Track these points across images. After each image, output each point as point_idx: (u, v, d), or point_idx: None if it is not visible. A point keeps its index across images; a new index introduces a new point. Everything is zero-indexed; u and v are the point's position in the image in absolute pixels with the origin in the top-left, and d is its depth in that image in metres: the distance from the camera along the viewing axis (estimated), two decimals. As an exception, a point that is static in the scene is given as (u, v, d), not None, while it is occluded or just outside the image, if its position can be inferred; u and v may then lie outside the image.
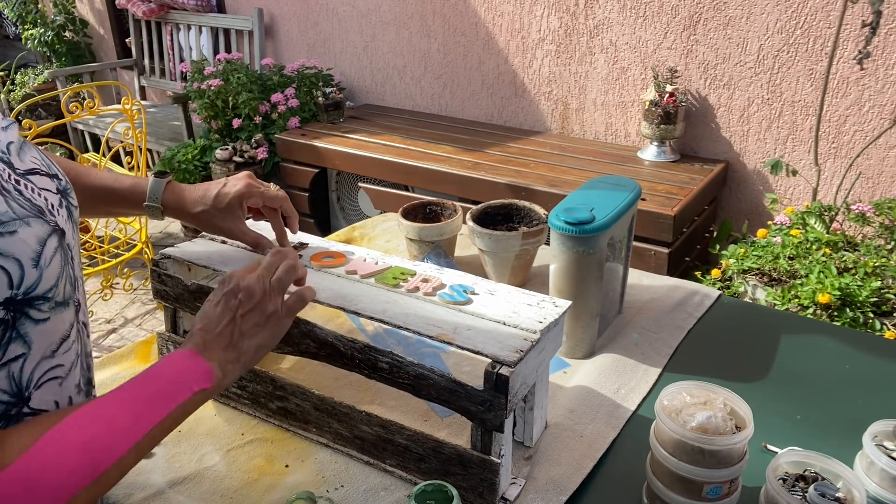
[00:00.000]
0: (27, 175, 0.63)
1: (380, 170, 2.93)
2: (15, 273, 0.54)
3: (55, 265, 0.59)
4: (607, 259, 1.07)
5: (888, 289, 1.80)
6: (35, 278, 0.56)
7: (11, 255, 0.54)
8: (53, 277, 0.59)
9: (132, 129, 2.66)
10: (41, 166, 0.67)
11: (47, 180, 0.66)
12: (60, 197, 0.67)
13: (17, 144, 0.65)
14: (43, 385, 0.62)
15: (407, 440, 0.85)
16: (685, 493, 0.74)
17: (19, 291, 0.55)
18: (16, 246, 0.55)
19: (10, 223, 0.55)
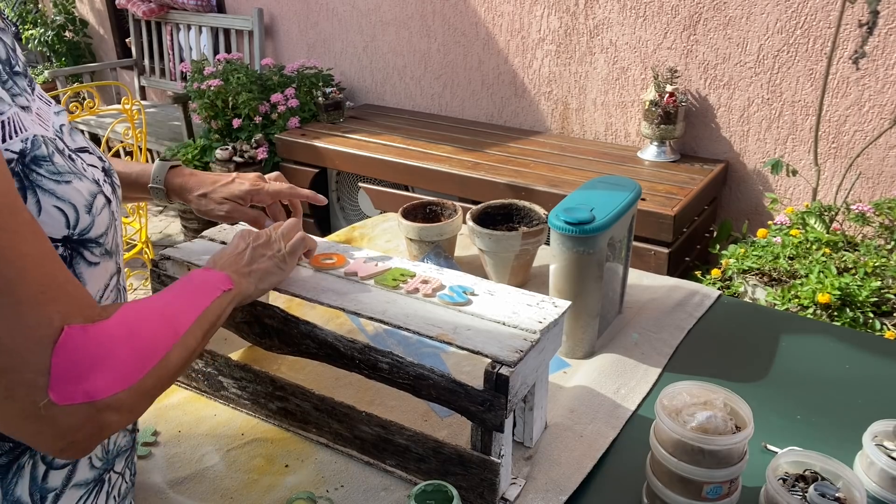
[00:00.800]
0: (78, 152, 0.69)
1: (380, 170, 2.93)
2: (71, 215, 0.61)
3: (104, 216, 0.65)
4: (607, 259, 1.07)
5: (888, 289, 1.80)
6: (88, 223, 0.62)
7: (68, 199, 0.61)
8: (103, 226, 0.65)
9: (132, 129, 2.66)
10: (88, 148, 0.73)
11: (95, 159, 0.72)
12: (105, 175, 0.72)
13: (69, 128, 0.72)
14: None
15: (407, 440, 0.85)
16: (685, 493, 0.74)
17: (75, 232, 0.61)
18: (71, 193, 0.61)
19: (67, 174, 0.61)
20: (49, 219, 0.59)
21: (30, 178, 0.58)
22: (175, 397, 1.04)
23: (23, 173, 0.58)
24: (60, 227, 0.60)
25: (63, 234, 0.60)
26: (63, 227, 0.60)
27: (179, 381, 1.07)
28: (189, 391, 1.06)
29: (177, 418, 0.99)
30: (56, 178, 0.61)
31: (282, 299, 1.22)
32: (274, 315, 0.90)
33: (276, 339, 0.92)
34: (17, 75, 0.65)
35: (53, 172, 0.61)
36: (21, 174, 0.58)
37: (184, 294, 0.72)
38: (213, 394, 1.03)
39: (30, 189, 0.58)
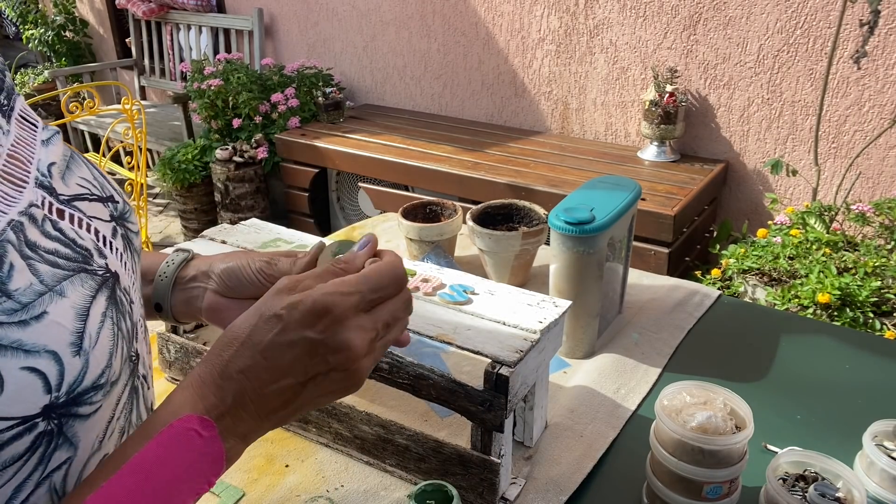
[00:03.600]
0: (73, 202, 0.50)
1: (380, 170, 2.93)
2: (52, 372, 0.41)
3: (105, 339, 0.46)
4: (607, 259, 1.07)
5: (888, 289, 1.80)
6: (80, 368, 0.43)
7: (42, 348, 0.41)
8: (104, 356, 0.45)
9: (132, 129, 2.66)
10: (91, 188, 0.53)
11: (98, 206, 0.52)
12: (114, 225, 0.53)
13: (63, 163, 0.52)
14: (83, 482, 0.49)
15: (407, 440, 0.85)
16: (685, 493, 0.74)
17: (60, 393, 0.42)
18: (47, 334, 0.41)
19: (36, 303, 0.42)
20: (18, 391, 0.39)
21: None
22: (175, 397, 1.04)
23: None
24: (37, 397, 0.41)
25: (42, 404, 0.41)
26: (41, 395, 0.41)
27: (179, 381, 1.07)
28: (189, 391, 1.06)
29: (177, 418, 0.99)
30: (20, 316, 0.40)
31: (282, 299, 1.22)
32: (274, 315, 0.90)
33: (276, 338, 0.92)
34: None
35: (14, 309, 0.40)
36: None
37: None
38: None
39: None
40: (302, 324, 0.48)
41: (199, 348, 1.02)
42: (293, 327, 0.48)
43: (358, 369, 0.50)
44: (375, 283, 0.51)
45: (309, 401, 0.50)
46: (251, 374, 0.48)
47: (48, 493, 0.45)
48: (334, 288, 0.50)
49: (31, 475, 0.43)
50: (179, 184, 3.47)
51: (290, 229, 1.11)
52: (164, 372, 1.08)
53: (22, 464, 0.42)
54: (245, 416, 0.48)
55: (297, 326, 0.48)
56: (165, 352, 1.06)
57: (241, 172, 3.32)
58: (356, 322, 0.50)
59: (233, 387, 0.48)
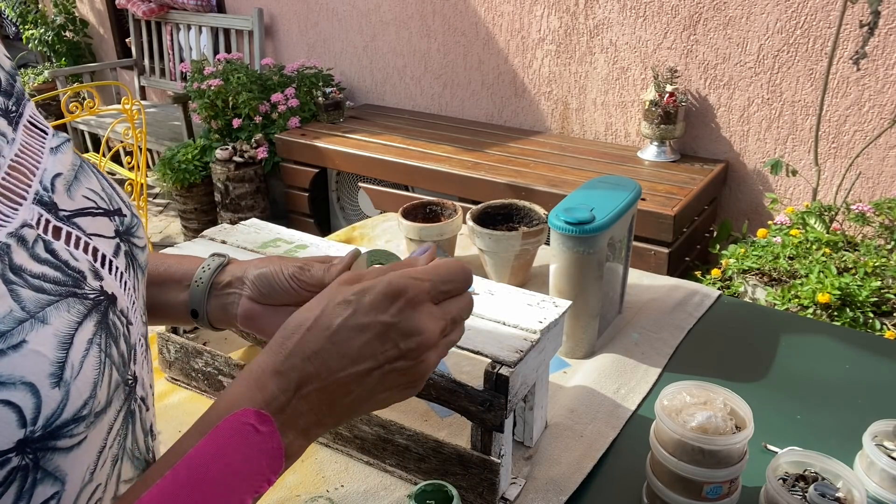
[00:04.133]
0: (73, 218, 0.47)
1: (380, 170, 2.93)
2: (27, 405, 0.38)
3: (89, 368, 0.42)
4: (607, 259, 1.07)
5: (888, 289, 1.80)
6: (58, 401, 0.40)
7: (18, 379, 0.38)
8: (88, 387, 0.42)
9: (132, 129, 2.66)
10: (98, 201, 0.50)
11: (103, 221, 0.49)
12: (118, 241, 0.50)
13: (70, 174, 0.49)
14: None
15: (407, 440, 0.85)
16: (685, 493, 0.74)
17: (36, 427, 0.39)
18: (24, 364, 0.39)
19: (15, 332, 0.39)
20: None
21: None
22: (175, 397, 1.04)
23: None
24: (10, 432, 0.37)
25: (16, 438, 0.38)
26: (14, 429, 0.38)
27: (179, 381, 1.07)
28: (189, 391, 1.06)
29: (177, 418, 0.99)
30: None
31: (282, 299, 1.22)
32: (274, 315, 0.90)
33: (276, 338, 0.92)
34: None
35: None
36: None
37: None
38: (213, 394, 1.03)
39: None
40: (374, 307, 0.46)
41: (199, 348, 1.02)
42: (365, 310, 0.46)
43: (425, 361, 0.48)
44: (446, 274, 0.50)
45: (373, 394, 0.48)
46: (318, 360, 0.46)
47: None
48: (408, 273, 0.48)
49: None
50: (179, 184, 3.47)
51: (289, 229, 1.11)
52: (164, 372, 1.08)
53: None
54: (306, 409, 0.46)
55: (370, 310, 0.46)
56: (165, 352, 1.06)
57: (241, 172, 3.33)
58: (428, 309, 0.48)
59: (296, 375, 0.45)
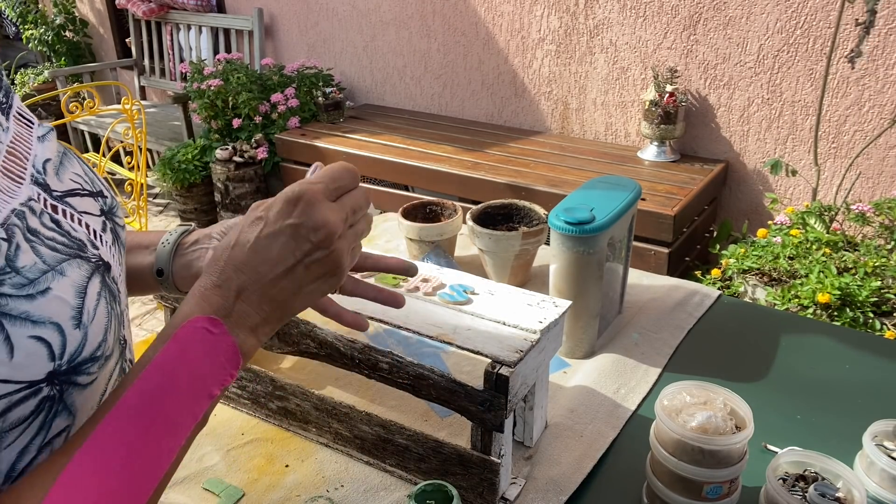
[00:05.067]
0: (65, 198, 0.54)
1: (380, 170, 2.93)
2: (55, 341, 0.45)
3: (101, 315, 0.50)
4: (607, 259, 1.07)
5: (888, 289, 1.80)
6: (79, 340, 0.47)
7: (47, 319, 0.45)
8: (100, 331, 0.50)
9: (132, 129, 2.66)
10: (83, 183, 0.57)
11: (89, 201, 0.56)
12: (104, 219, 0.57)
13: (56, 160, 0.56)
14: None
15: (407, 440, 0.85)
16: (685, 493, 0.74)
17: (63, 361, 0.46)
18: (51, 307, 0.46)
19: (41, 280, 0.46)
20: (26, 357, 0.44)
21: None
22: (175, 397, 1.04)
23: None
24: (42, 363, 0.45)
25: (47, 370, 0.45)
26: (46, 362, 0.45)
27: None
28: (189, 391, 1.06)
29: (177, 418, 0.99)
30: (27, 290, 0.45)
31: (282, 299, 1.22)
32: (274, 315, 0.90)
33: (275, 338, 0.92)
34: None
35: (22, 284, 0.45)
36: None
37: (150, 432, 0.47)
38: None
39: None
40: (280, 214, 0.53)
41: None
42: (273, 220, 0.53)
43: (336, 248, 0.54)
44: (332, 174, 0.56)
45: (302, 286, 0.54)
46: (247, 269, 0.52)
47: None
48: (301, 181, 0.55)
49: (34, 440, 0.47)
50: (179, 184, 3.47)
51: (290, 229, 1.11)
52: (164, 372, 1.08)
53: (26, 426, 0.46)
54: (250, 311, 0.52)
55: (277, 218, 0.53)
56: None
57: (241, 172, 3.33)
58: (326, 205, 0.54)
59: (233, 285, 0.52)
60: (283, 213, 0.53)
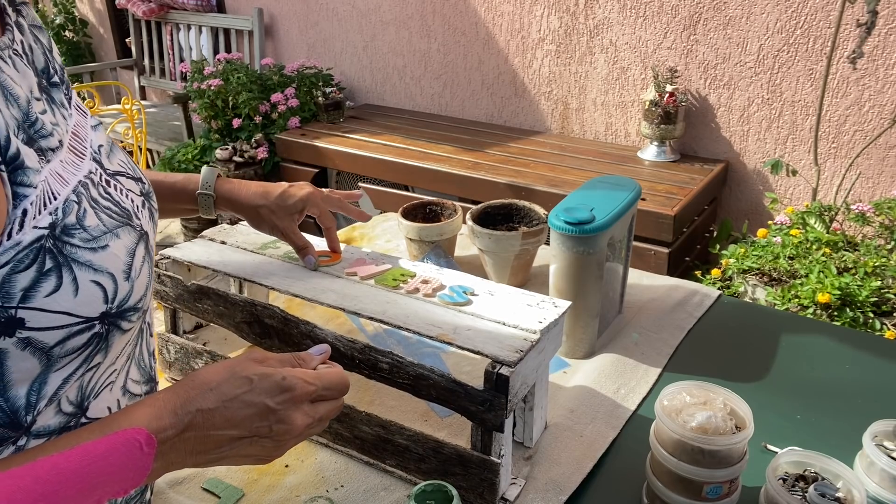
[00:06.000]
0: (116, 176, 0.64)
1: (380, 170, 2.93)
2: (109, 287, 0.55)
3: (144, 275, 0.59)
4: (607, 259, 1.07)
5: (888, 289, 1.80)
6: (127, 290, 0.57)
7: (105, 269, 0.55)
8: (143, 287, 0.59)
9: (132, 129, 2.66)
10: (127, 169, 0.67)
11: (132, 183, 0.66)
12: (144, 199, 0.67)
13: (107, 147, 0.66)
14: (101, 393, 0.61)
15: (407, 440, 0.85)
16: (685, 493, 0.74)
17: (114, 305, 0.55)
18: (108, 260, 0.55)
19: (102, 237, 0.56)
20: (87, 297, 0.53)
21: (63, 253, 0.53)
22: (175, 397, 1.04)
23: (55, 248, 0.52)
24: (98, 304, 0.54)
25: (101, 310, 0.55)
26: (101, 303, 0.55)
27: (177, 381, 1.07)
28: (189, 391, 1.06)
29: (177, 418, 0.99)
30: (92, 244, 0.55)
31: (282, 299, 1.22)
32: (274, 315, 0.90)
33: (276, 339, 0.92)
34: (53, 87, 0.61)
35: (88, 239, 0.55)
36: (54, 250, 0.52)
37: None
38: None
39: (65, 266, 0.52)
40: (266, 391, 0.58)
41: (199, 349, 1.02)
42: (258, 392, 0.58)
43: (285, 445, 0.60)
44: (329, 383, 0.63)
45: (235, 454, 0.59)
46: (207, 416, 0.56)
47: (77, 389, 0.57)
48: (300, 374, 0.61)
49: (77, 369, 0.56)
50: (179, 184, 3.47)
51: (290, 229, 1.11)
52: (164, 372, 1.08)
53: (76, 356, 0.54)
54: (181, 449, 0.55)
55: (261, 392, 0.58)
56: (165, 352, 1.06)
57: (241, 172, 3.32)
58: (305, 407, 0.61)
59: (187, 420, 0.55)
60: (269, 391, 0.58)
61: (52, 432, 0.57)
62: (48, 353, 0.52)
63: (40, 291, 0.50)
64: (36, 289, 0.50)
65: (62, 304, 0.52)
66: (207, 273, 1.04)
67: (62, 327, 0.52)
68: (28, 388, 0.52)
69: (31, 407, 0.53)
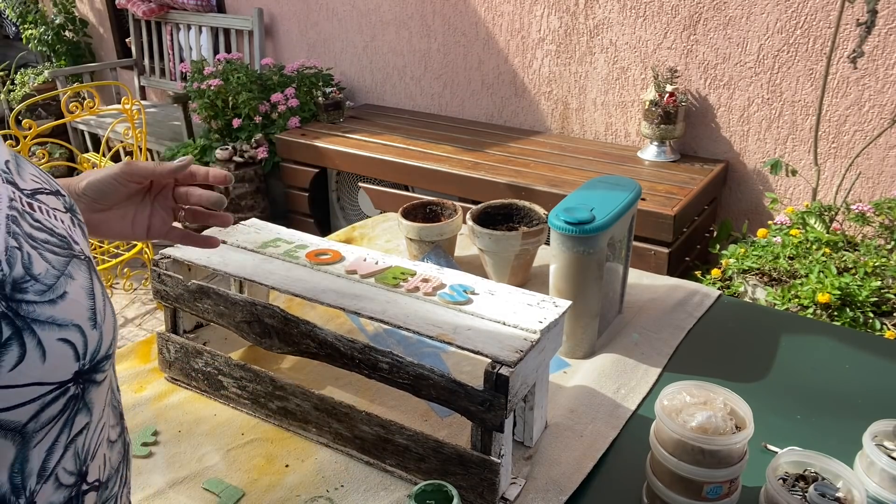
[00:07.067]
0: (35, 195, 0.54)
1: (380, 170, 2.93)
2: (79, 342, 0.48)
3: (109, 314, 0.52)
4: (607, 259, 1.07)
5: (888, 289, 1.80)
6: (97, 340, 0.50)
7: (70, 322, 0.48)
8: (111, 330, 0.52)
9: (132, 129, 2.66)
10: (43, 184, 0.57)
11: (54, 199, 0.56)
12: (71, 216, 0.57)
13: (13, 161, 0.55)
14: (97, 453, 0.55)
15: (407, 440, 0.85)
16: (685, 493, 0.74)
17: (86, 360, 0.49)
18: (71, 310, 0.48)
19: (57, 284, 0.48)
20: (56, 359, 0.46)
21: (21, 315, 0.44)
22: (175, 397, 1.04)
23: (11, 312, 0.44)
24: (70, 364, 0.47)
25: (74, 370, 0.48)
26: (73, 362, 0.47)
27: (179, 381, 1.07)
28: (189, 391, 1.06)
29: (177, 418, 0.99)
30: (49, 296, 0.46)
31: (282, 299, 1.22)
32: (274, 315, 0.90)
33: (276, 338, 0.92)
34: None
35: (43, 290, 0.46)
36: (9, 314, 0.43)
37: None
38: (213, 393, 1.03)
39: (25, 330, 0.44)
40: None
41: (199, 348, 1.02)
42: None
43: None
44: None
45: None
46: None
47: (73, 457, 0.51)
48: None
49: (59, 437, 0.49)
50: (179, 184, 3.47)
51: (289, 229, 1.11)
52: (164, 372, 1.08)
53: (53, 425, 0.48)
54: None
55: None
56: (165, 352, 1.06)
57: (241, 172, 3.32)
58: None
59: None
60: None
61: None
62: (22, 432, 0.46)
63: (3, 367, 0.43)
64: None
65: (30, 374, 0.44)
66: (207, 273, 1.04)
67: (34, 400, 0.45)
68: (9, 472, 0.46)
69: (19, 490, 0.47)
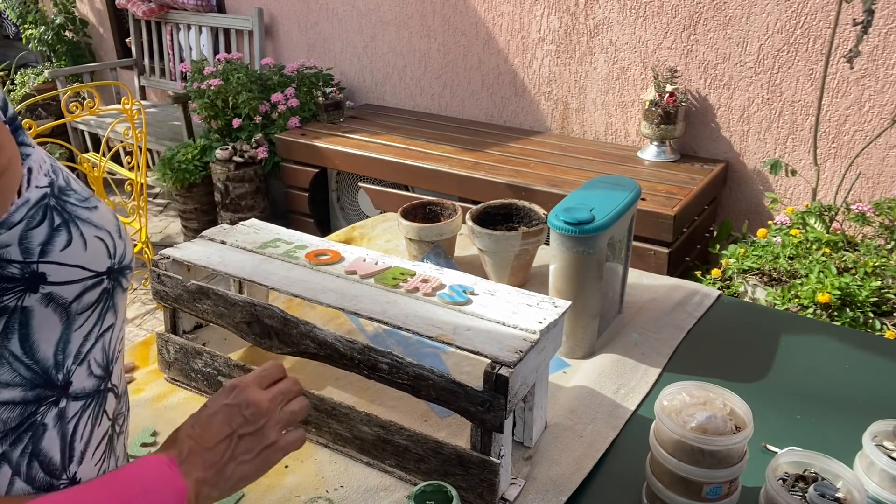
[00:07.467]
0: None
1: (380, 170, 2.93)
2: (110, 243, 0.59)
3: (127, 236, 0.63)
4: (607, 259, 1.07)
5: (888, 289, 1.80)
6: (122, 248, 0.61)
7: (103, 226, 0.59)
8: (131, 247, 0.63)
9: (132, 129, 2.66)
10: None
11: None
12: None
13: None
14: (117, 358, 0.64)
15: (406, 440, 0.85)
16: (685, 493, 0.74)
17: (115, 261, 0.59)
18: (103, 218, 0.59)
19: (91, 199, 0.59)
20: (95, 251, 0.57)
21: (67, 210, 0.56)
22: (174, 397, 1.04)
23: (59, 206, 0.56)
24: (104, 259, 0.58)
25: (107, 265, 0.58)
26: (106, 258, 0.58)
27: (179, 382, 1.07)
28: (188, 391, 1.06)
29: (176, 419, 0.99)
30: (85, 204, 0.58)
31: (282, 299, 1.22)
32: (274, 315, 0.90)
33: (276, 339, 0.92)
34: None
35: (81, 199, 0.58)
36: (58, 207, 0.55)
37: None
38: (212, 394, 1.03)
39: (71, 223, 0.56)
40: (218, 398, 0.67)
41: (199, 349, 1.02)
42: (213, 402, 0.67)
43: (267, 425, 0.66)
44: (262, 371, 0.71)
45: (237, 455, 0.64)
46: (195, 436, 0.64)
47: (102, 350, 0.61)
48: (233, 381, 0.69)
49: (94, 328, 0.59)
50: (179, 184, 3.47)
51: (289, 229, 1.11)
52: (164, 372, 1.08)
53: (91, 313, 0.58)
54: (197, 465, 0.62)
55: (216, 400, 0.67)
56: (165, 352, 1.06)
57: (241, 172, 3.32)
58: (255, 389, 0.68)
59: (185, 446, 0.63)
60: (220, 396, 0.67)
61: (89, 395, 0.60)
62: (67, 310, 0.55)
63: (55, 246, 0.54)
64: (51, 243, 0.53)
65: (76, 257, 0.55)
66: (207, 273, 1.04)
67: (78, 281, 0.55)
68: (54, 347, 0.55)
69: (59, 366, 0.56)
